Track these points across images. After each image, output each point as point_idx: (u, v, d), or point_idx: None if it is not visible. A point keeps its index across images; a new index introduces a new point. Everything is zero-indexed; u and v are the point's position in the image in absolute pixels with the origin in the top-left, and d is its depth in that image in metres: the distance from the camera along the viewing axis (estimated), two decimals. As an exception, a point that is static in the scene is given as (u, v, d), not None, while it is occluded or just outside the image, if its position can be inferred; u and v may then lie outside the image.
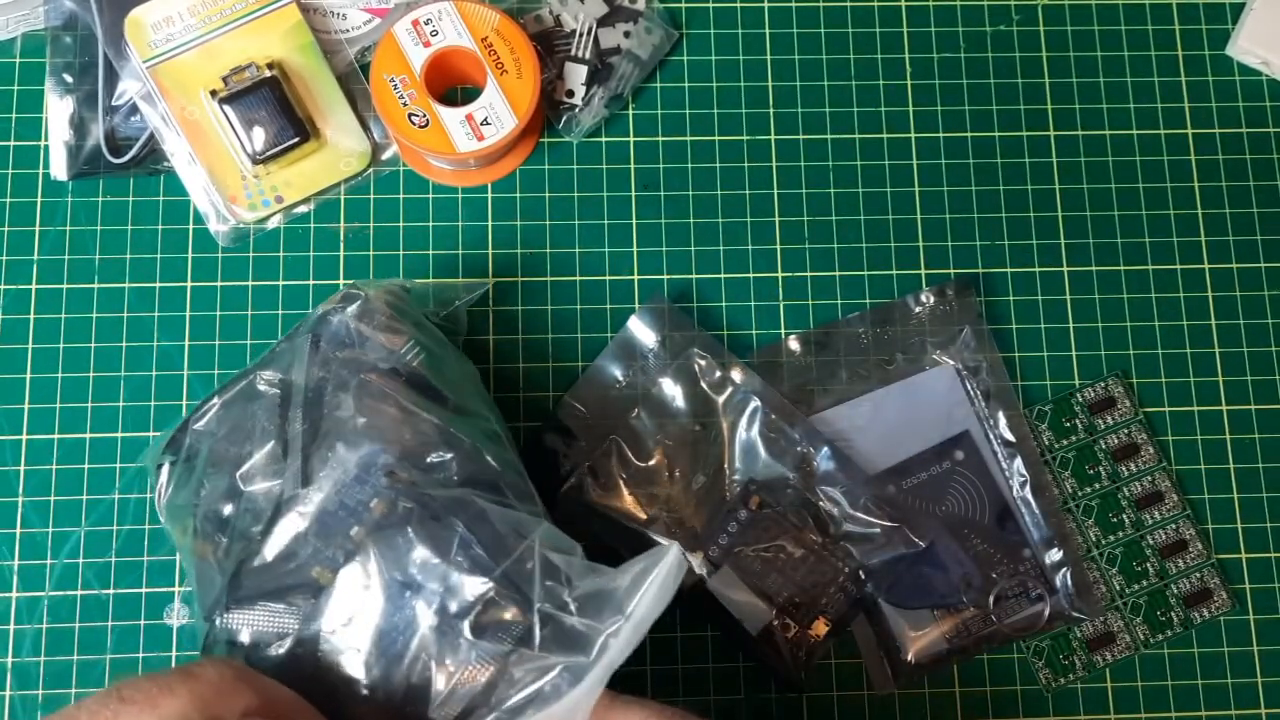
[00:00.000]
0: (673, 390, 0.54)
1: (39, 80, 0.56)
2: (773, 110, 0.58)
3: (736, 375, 0.54)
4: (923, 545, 0.52)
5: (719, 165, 0.58)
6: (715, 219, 0.57)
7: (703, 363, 0.54)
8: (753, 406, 0.53)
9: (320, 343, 0.47)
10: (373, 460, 0.44)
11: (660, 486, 0.53)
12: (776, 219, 0.57)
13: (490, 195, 0.57)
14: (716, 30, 0.59)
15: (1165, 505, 0.55)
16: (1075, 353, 0.57)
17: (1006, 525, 0.54)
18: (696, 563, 0.52)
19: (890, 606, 0.53)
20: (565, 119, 0.57)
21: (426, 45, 0.53)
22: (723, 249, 0.57)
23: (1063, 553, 0.54)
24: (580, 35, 0.57)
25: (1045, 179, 0.58)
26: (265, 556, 0.44)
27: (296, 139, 0.54)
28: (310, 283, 0.55)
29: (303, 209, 0.56)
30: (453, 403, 0.47)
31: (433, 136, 0.53)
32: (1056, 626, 0.54)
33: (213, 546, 0.46)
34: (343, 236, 0.56)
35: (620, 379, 0.54)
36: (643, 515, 0.53)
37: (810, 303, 0.56)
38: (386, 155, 0.56)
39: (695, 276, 0.56)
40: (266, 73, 0.54)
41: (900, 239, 0.57)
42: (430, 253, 0.56)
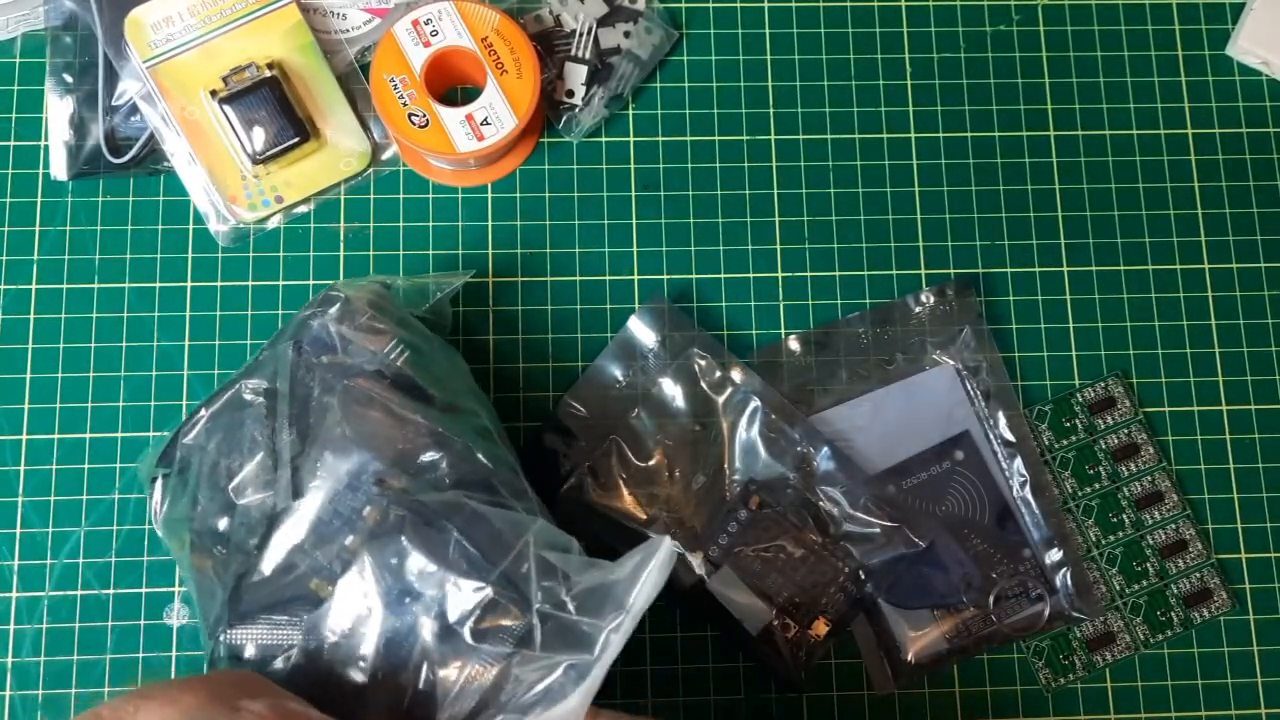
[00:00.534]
0: (673, 390, 0.54)
1: (39, 80, 0.56)
2: (773, 110, 0.58)
3: (736, 375, 0.54)
4: (923, 545, 0.52)
5: (719, 165, 0.58)
6: (715, 219, 0.57)
7: (703, 363, 0.54)
8: (753, 406, 0.53)
9: (303, 348, 0.47)
10: (363, 468, 0.44)
11: (660, 486, 0.53)
12: (776, 219, 0.57)
13: (490, 195, 0.57)
14: (716, 30, 0.59)
15: (1165, 505, 0.55)
16: (1075, 353, 0.57)
17: (1006, 525, 0.54)
18: (696, 563, 0.52)
19: (890, 606, 0.53)
20: (565, 119, 0.57)
21: (426, 45, 0.53)
22: (723, 249, 0.57)
23: (1063, 553, 0.54)
24: (580, 35, 0.57)
25: (1045, 179, 0.58)
26: (263, 571, 0.44)
27: (296, 139, 0.54)
28: (310, 283, 0.55)
29: (303, 209, 0.56)
30: (441, 401, 0.47)
31: (433, 136, 0.53)
32: (1056, 626, 0.54)
33: (211, 560, 0.46)
34: (343, 236, 0.56)
35: (620, 379, 0.54)
36: (643, 515, 0.53)
37: (810, 303, 0.56)
38: (386, 155, 0.56)
39: (695, 276, 0.56)
40: (266, 73, 0.54)
41: (900, 239, 0.57)
42: (430, 253, 0.56)
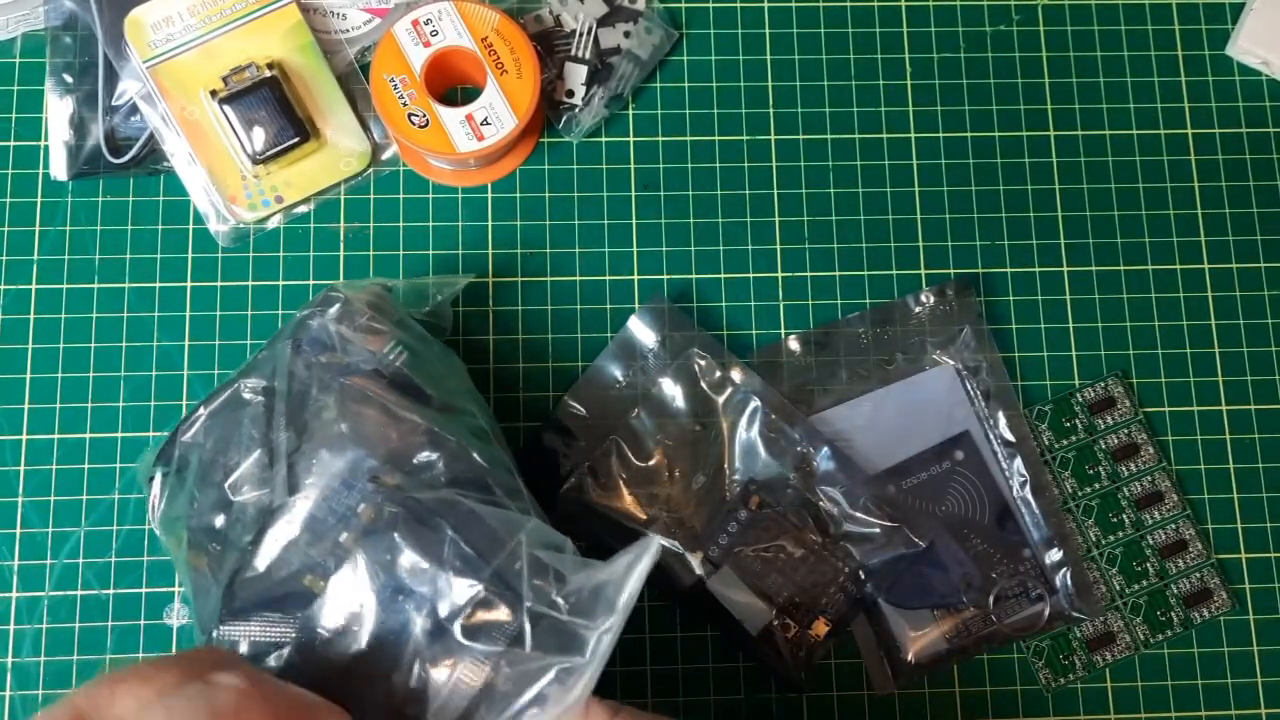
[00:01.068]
0: (673, 390, 0.54)
1: (39, 80, 0.56)
2: (773, 110, 0.58)
3: (736, 375, 0.54)
4: (923, 545, 0.52)
5: (719, 165, 0.58)
6: (715, 219, 0.57)
7: (703, 363, 0.54)
8: (753, 406, 0.53)
9: (301, 346, 0.47)
10: (358, 465, 0.44)
11: (660, 486, 0.53)
12: (776, 219, 0.57)
13: (490, 195, 0.57)
14: (716, 30, 0.59)
15: (1165, 505, 0.55)
16: (1075, 353, 0.57)
17: (1006, 525, 0.54)
18: (696, 563, 0.52)
19: (890, 606, 0.53)
20: (565, 119, 0.57)
21: (426, 45, 0.53)
22: (723, 249, 0.57)
23: (1063, 553, 0.54)
24: (580, 35, 0.57)
25: (1045, 179, 0.58)
26: (257, 567, 0.44)
27: (296, 139, 0.54)
28: (310, 283, 0.55)
29: (303, 209, 0.56)
30: (438, 401, 0.47)
31: (433, 136, 0.53)
32: (1056, 626, 0.54)
33: (206, 558, 0.46)
34: (343, 236, 0.56)
35: (620, 379, 0.54)
36: (643, 515, 0.53)
37: (810, 303, 0.56)
38: (386, 155, 0.56)
39: (695, 276, 0.56)
40: (266, 73, 0.54)
41: (900, 239, 0.57)
42: (430, 253, 0.56)
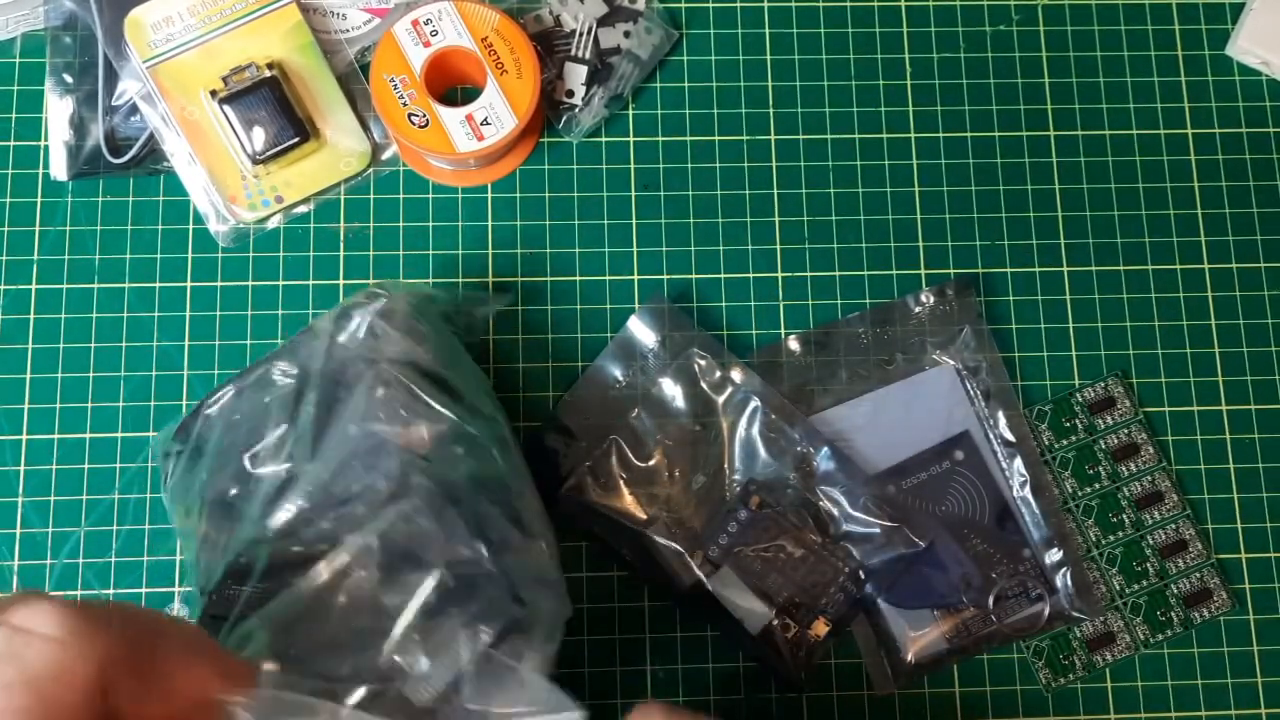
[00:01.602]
0: (673, 390, 0.54)
1: (39, 80, 0.56)
2: (773, 110, 0.58)
3: (736, 375, 0.54)
4: (922, 545, 0.52)
5: (719, 165, 0.58)
6: (715, 219, 0.57)
7: (703, 363, 0.54)
8: (753, 406, 0.53)
9: (340, 336, 0.47)
10: (384, 441, 0.44)
11: (660, 486, 0.53)
12: (776, 219, 0.57)
13: (490, 195, 0.57)
14: (716, 30, 0.59)
15: (1165, 505, 0.55)
16: (1075, 353, 0.57)
17: (1006, 525, 0.54)
18: (696, 563, 0.52)
19: (890, 606, 0.53)
20: (565, 119, 0.57)
21: (426, 45, 0.53)
22: (723, 249, 0.57)
23: (1063, 553, 0.54)
24: (580, 35, 0.57)
25: (1045, 179, 0.58)
26: (266, 531, 0.44)
27: (296, 139, 0.54)
28: (310, 283, 0.55)
29: (303, 209, 0.56)
30: (467, 401, 0.47)
31: (433, 136, 0.53)
32: (1056, 626, 0.54)
33: (214, 528, 0.46)
34: (343, 236, 0.56)
35: (620, 379, 0.54)
36: (643, 515, 0.53)
37: (810, 303, 0.56)
38: (386, 155, 0.56)
39: (695, 276, 0.56)
40: (266, 73, 0.54)
41: (900, 239, 0.57)
42: (430, 253, 0.56)
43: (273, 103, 0.53)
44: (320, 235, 0.56)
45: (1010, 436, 0.54)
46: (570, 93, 0.56)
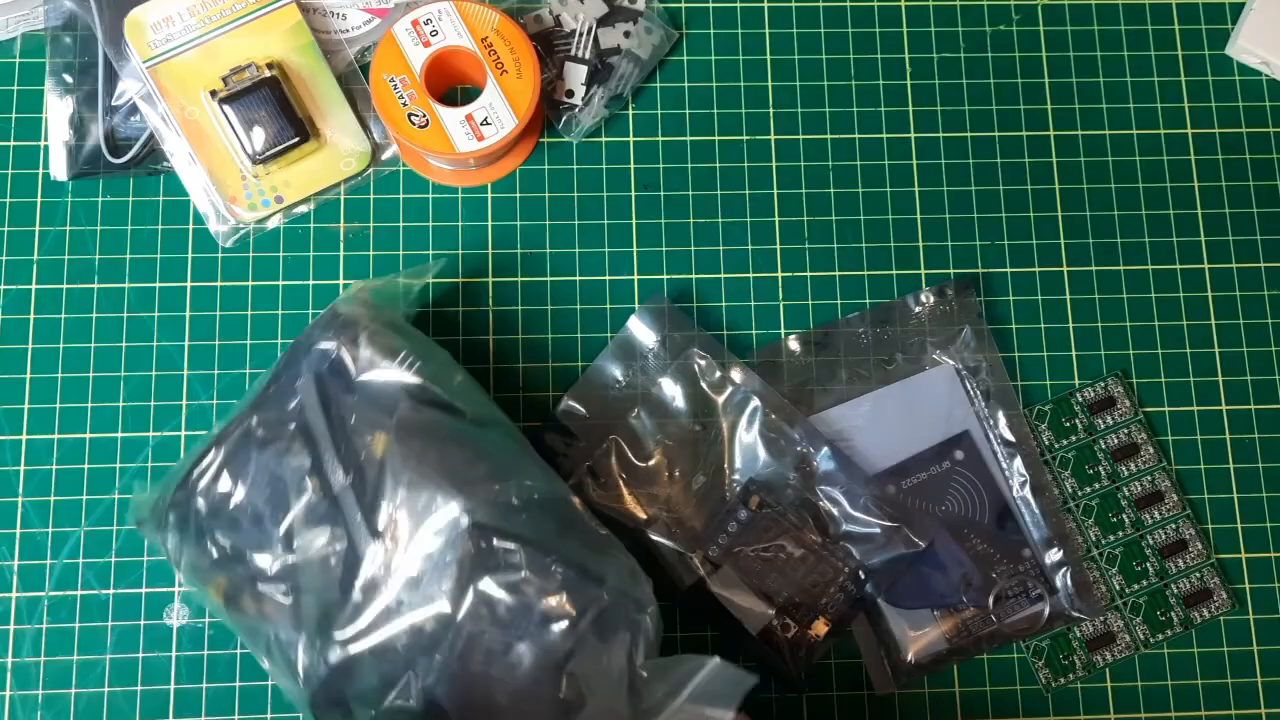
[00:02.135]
0: (673, 390, 0.54)
1: (39, 80, 0.56)
2: (773, 110, 0.58)
3: (736, 375, 0.54)
4: (923, 545, 0.52)
5: (719, 165, 0.58)
6: (715, 219, 0.57)
7: (703, 363, 0.54)
8: (753, 406, 0.53)
9: (324, 379, 0.46)
10: (444, 505, 0.43)
11: (660, 486, 0.53)
12: (776, 219, 0.57)
13: (490, 195, 0.57)
14: (716, 30, 0.59)
15: (1165, 505, 0.55)
16: (1075, 353, 0.57)
17: (1006, 525, 0.54)
18: (696, 562, 0.52)
19: (890, 606, 0.53)
20: (565, 119, 0.57)
21: (426, 45, 0.53)
22: (723, 249, 0.57)
23: (1063, 553, 0.54)
24: (580, 35, 0.57)
25: (1045, 179, 0.58)
26: (359, 624, 0.43)
27: (296, 139, 0.54)
28: (310, 283, 0.55)
29: (303, 209, 0.56)
30: (471, 414, 0.47)
31: (433, 136, 0.53)
32: (1056, 626, 0.54)
33: (263, 603, 0.45)
34: (343, 236, 0.56)
35: (620, 379, 0.54)
36: (643, 515, 0.53)
37: (810, 303, 0.56)
38: (386, 155, 0.56)
39: (695, 276, 0.56)
40: (266, 73, 0.54)
41: (900, 239, 0.57)
42: (430, 253, 0.56)
43: (273, 103, 0.53)
44: (320, 235, 0.56)
45: (1010, 436, 0.54)
46: (570, 93, 0.56)
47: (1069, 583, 0.54)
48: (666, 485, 0.53)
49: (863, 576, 0.52)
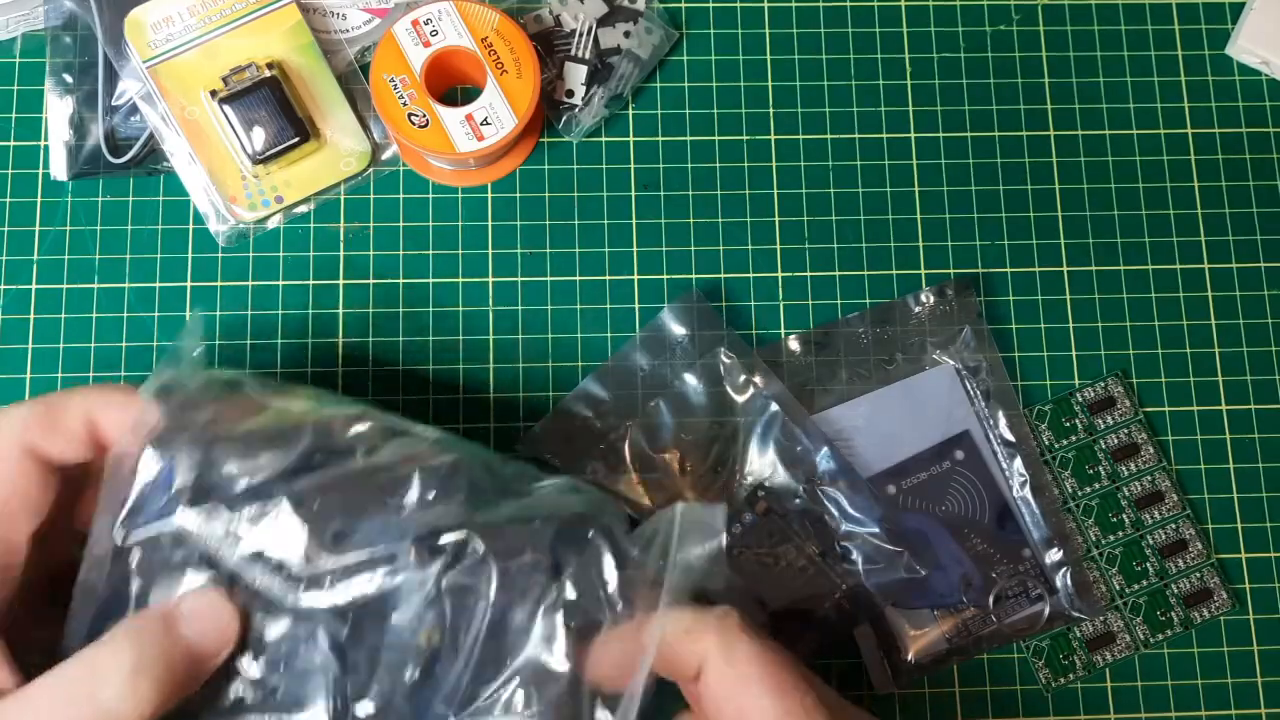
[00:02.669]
0: (695, 386, 0.54)
1: (39, 80, 0.56)
2: (773, 110, 0.58)
3: (759, 378, 0.54)
4: (924, 574, 0.52)
5: (719, 165, 0.57)
6: (715, 219, 0.57)
7: (727, 362, 0.54)
8: (772, 411, 0.53)
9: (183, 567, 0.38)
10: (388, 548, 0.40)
11: (670, 479, 0.53)
12: (776, 219, 0.57)
13: (490, 195, 0.57)
14: (716, 30, 0.59)
15: (1165, 505, 0.55)
16: (1075, 353, 0.57)
17: (1006, 525, 0.54)
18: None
19: (890, 606, 0.53)
20: (565, 119, 0.57)
21: (426, 45, 0.53)
22: (722, 249, 0.57)
23: (1063, 553, 0.54)
24: (580, 35, 0.57)
25: (1045, 179, 0.58)
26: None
27: (296, 139, 0.53)
28: (310, 283, 0.55)
29: (303, 209, 0.56)
30: (360, 465, 0.41)
31: (433, 136, 0.53)
32: (1056, 626, 0.54)
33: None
34: (343, 236, 0.56)
35: (644, 368, 0.54)
36: (647, 503, 0.53)
37: (810, 303, 0.56)
38: (386, 155, 0.56)
39: (695, 276, 0.56)
40: (266, 73, 0.53)
41: (900, 239, 0.57)
42: (430, 253, 0.56)
43: (273, 103, 0.53)
44: (320, 235, 0.56)
45: (1010, 436, 0.55)
46: (570, 93, 0.56)
47: (1069, 583, 0.54)
48: (676, 478, 0.53)
49: (859, 597, 0.52)
